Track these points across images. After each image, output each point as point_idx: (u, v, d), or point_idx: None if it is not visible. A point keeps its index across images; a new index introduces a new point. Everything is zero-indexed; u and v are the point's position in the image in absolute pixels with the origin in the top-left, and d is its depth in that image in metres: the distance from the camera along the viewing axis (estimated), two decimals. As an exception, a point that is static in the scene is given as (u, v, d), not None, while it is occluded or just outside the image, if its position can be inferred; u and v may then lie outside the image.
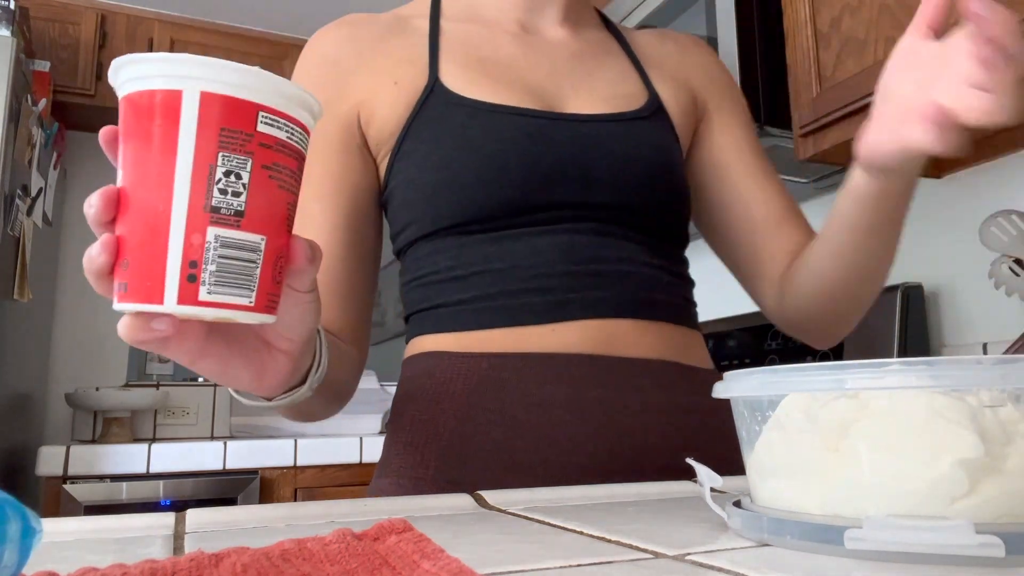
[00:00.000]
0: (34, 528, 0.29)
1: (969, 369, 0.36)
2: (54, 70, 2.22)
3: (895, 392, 0.38)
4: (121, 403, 2.20)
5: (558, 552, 0.36)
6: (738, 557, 0.35)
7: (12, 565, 0.27)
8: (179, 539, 0.41)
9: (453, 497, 0.53)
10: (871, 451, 0.37)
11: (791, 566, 0.33)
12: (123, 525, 0.44)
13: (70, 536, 0.42)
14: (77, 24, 2.32)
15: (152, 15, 2.44)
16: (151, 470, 1.89)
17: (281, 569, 0.31)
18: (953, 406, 0.37)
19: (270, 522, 0.46)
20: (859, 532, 0.34)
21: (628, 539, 0.39)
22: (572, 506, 0.51)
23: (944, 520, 0.34)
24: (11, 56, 1.66)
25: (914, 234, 1.41)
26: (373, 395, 2.73)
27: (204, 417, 2.56)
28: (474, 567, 0.30)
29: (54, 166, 2.16)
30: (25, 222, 1.84)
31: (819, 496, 0.38)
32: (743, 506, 0.43)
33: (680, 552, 0.36)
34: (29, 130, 1.82)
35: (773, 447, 0.42)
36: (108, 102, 2.33)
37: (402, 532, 0.36)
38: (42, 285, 2.18)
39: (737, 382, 0.43)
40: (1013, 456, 0.35)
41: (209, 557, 0.33)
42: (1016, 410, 0.37)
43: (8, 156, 1.65)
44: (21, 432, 2.03)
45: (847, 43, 1.10)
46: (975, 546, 0.32)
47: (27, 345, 2.05)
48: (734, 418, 0.46)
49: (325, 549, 0.34)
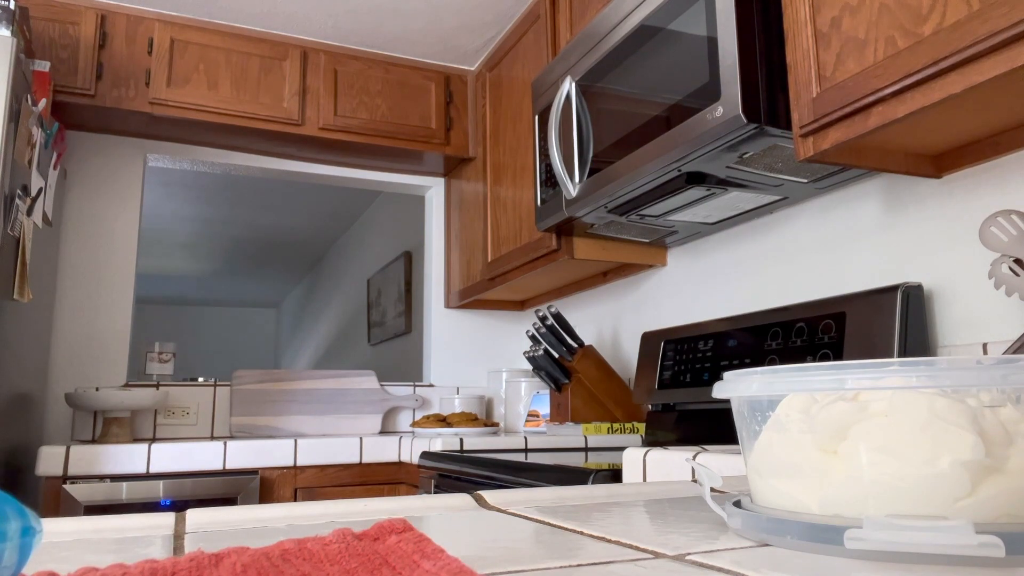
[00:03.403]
0: (34, 528, 0.29)
1: (969, 369, 0.36)
2: (54, 70, 2.22)
3: (895, 393, 0.38)
4: (121, 403, 2.20)
5: (558, 552, 0.36)
6: (738, 557, 0.35)
7: (12, 565, 0.27)
8: (179, 539, 0.41)
9: (453, 497, 0.53)
10: (871, 452, 0.37)
11: (791, 566, 0.33)
12: (123, 525, 0.44)
13: (70, 536, 0.42)
14: (77, 24, 2.32)
15: (152, 15, 2.44)
16: (151, 470, 1.89)
17: (281, 569, 0.31)
18: (953, 407, 0.36)
19: (270, 522, 0.46)
20: (859, 532, 0.34)
21: (628, 539, 0.39)
22: (572, 506, 0.50)
23: (944, 520, 0.34)
24: (11, 56, 1.66)
25: (914, 234, 1.41)
26: (373, 395, 2.73)
27: (204, 417, 2.56)
28: (474, 567, 0.30)
29: (54, 166, 2.16)
30: (25, 222, 1.84)
31: (819, 496, 0.38)
32: (743, 506, 0.43)
33: (680, 552, 0.36)
34: (29, 130, 1.82)
35: (773, 447, 0.42)
36: (108, 102, 2.33)
37: (402, 532, 0.36)
38: (42, 285, 2.19)
39: (737, 382, 0.43)
40: (1014, 456, 0.35)
41: (209, 557, 0.33)
42: (1016, 410, 0.37)
43: (8, 156, 1.66)
44: (21, 432, 2.03)
45: (847, 43, 1.11)
46: (975, 546, 0.32)
47: (27, 345, 2.05)
48: (734, 418, 0.46)
49: (325, 549, 0.34)
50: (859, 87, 1.07)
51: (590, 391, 2.13)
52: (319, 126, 2.58)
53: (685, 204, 1.68)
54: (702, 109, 1.32)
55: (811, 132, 1.17)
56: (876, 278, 1.47)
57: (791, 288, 1.68)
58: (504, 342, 3.01)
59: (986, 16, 0.89)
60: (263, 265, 7.07)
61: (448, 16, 2.57)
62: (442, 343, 2.95)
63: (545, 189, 1.94)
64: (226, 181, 4.67)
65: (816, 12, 1.17)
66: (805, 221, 1.66)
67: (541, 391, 2.41)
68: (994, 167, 1.26)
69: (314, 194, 4.92)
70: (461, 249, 2.81)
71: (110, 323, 2.47)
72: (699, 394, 1.73)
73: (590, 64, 1.71)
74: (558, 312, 2.14)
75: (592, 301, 2.51)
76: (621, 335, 2.34)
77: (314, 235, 6.05)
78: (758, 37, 1.27)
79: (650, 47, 1.50)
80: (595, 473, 1.21)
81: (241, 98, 2.48)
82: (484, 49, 2.76)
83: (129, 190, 2.60)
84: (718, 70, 1.29)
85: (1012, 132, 1.20)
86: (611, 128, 1.63)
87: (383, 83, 2.70)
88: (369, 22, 2.59)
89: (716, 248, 1.94)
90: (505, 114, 2.50)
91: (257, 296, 8.29)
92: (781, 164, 1.42)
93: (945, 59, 0.94)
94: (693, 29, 1.37)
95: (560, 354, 2.12)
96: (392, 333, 4.33)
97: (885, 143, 1.23)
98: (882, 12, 1.05)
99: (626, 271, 2.27)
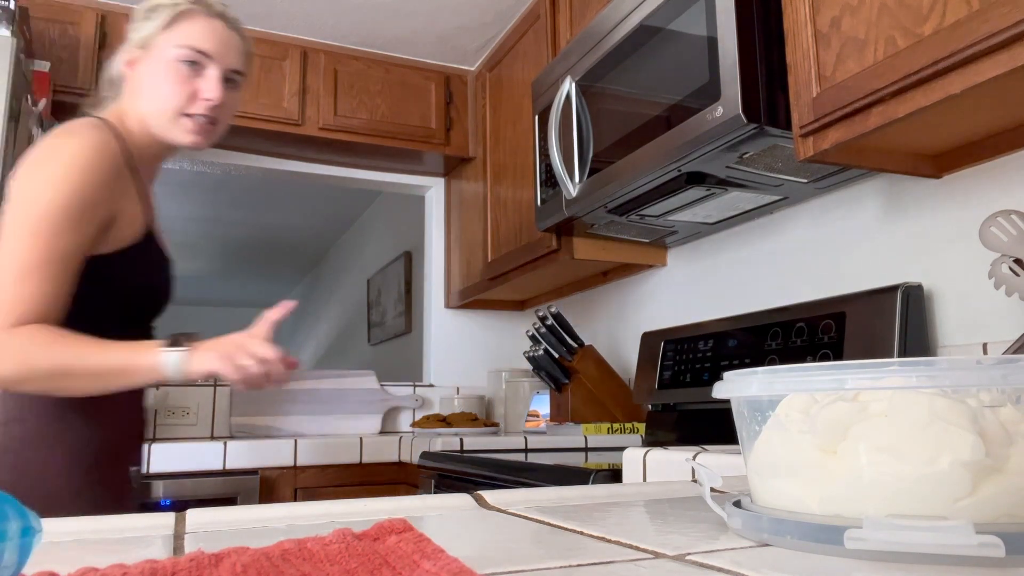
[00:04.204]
0: (34, 528, 0.29)
1: (969, 369, 0.36)
2: (54, 70, 2.22)
3: (895, 393, 0.38)
4: (121, 403, 2.20)
5: (558, 552, 0.36)
6: (738, 557, 0.35)
7: (12, 565, 0.27)
8: (179, 539, 0.41)
9: (453, 497, 0.53)
10: (871, 452, 0.37)
11: (791, 566, 0.33)
12: (123, 525, 0.44)
13: (70, 536, 0.42)
14: (77, 24, 2.32)
15: (152, 15, 2.44)
16: (151, 470, 1.89)
17: (281, 569, 0.31)
18: (953, 407, 0.36)
19: (270, 522, 0.46)
20: (859, 532, 0.34)
21: (628, 539, 0.39)
22: (572, 506, 0.50)
23: (944, 520, 0.34)
24: (11, 56, 1.66)
25: (914, 234, 1.41)
26: (373, 395, 2.73)
27: (204, 417, 2.56)
28: (474, 567, 0.30)
29: (54, 166, 2.16)
30: (25, 222, 1.84)
31: (819, 496, 0.38)
32: (743, 506, 0.43)
33: (680, 552, 0.36)
34: (29, 130, 1.82)
35: (773, 447, 0.42)
36: (108, 102, 2.33)
37: (402, 532, 0.36)
38: (42, 285, 2.18)
39: (737, 382, 0.43)
40: (1014, 456, 0.35)
41: (209, 557, 0.33)
42: (1016, 410, 0.37)
43: (8, 156, 1.65)
44: (21, 432, 2.02)
45: (847, 43, 1.10)
46: (975, 546, 0.32)
47: (27, 345, 2.05)
48: (734, 418, 0.46)
49: (325, 549, 0.34)
50: (859, 87, 1.07)
51: (590, 391, 2.13)
52: (319, 126, 2.58)
53: (685, 204, 1.68)
54: (702, 109, 1.32)
55: (811, 132, 1.17)
56: (876, 278, 1.47)
57: (791, 288, 1.68)
58: (504, 342, 3.01)
59: (986, 16, 0.89)
60: (263, 265, 7.07)
61: (448, 16, 2.56)
62: (442, 343, 2.95)
63: (545, 189, 1.94)
64: (226, 181, 4.66)
65: (816, 12, 1.17)
66: (805, 221, 1.66)
67: (541, 391, 2.41)
68: (994, 167, 1.26)
69: (314, 194, 4.92)
70: (461, 249, 2.81)
71: (110, 323, 2.47)
72: (699, 394, 1.73)
73: (590, 64, 1.71)
74: (558, 312, 2.14)
75: (592, 301, 2.51)
76: (621, 335, 2.34)
77: (314, 235, 6.04)
78: (758, 37, 1.27)
79: (650, 47, 1.50)
80: (595, 473, 1.21)
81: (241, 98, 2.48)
82: (484, 49, 2.76)
83: (129, 190, 2.60)
84: (718, 70, 1.29)
85: (1012, 132, 1.20)
86: (611, 128, 1.63)
87: (383, 83, 2.70)
88: (369, 22, 2.59)
89: (716, 248, 1.94)
90: (505, 114, 2.50)
91: (257, 296, 8.29)
92: (781, 164, 1.42)
93: (945, 59, 0.94)
94: (693, 29, 1.37)
95: (560, 354, 2.12)
96: (392, 333, 4.32)
97: (885, 143, 1.23)
98: (882, 12, 1.05)
99: (626, 271, 2.27)
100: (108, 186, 1.12)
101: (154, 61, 1.22)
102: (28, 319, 1.04)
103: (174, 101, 1.20)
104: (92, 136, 1.13)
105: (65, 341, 1.05)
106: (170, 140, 1.23)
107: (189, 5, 1.23)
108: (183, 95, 1.21)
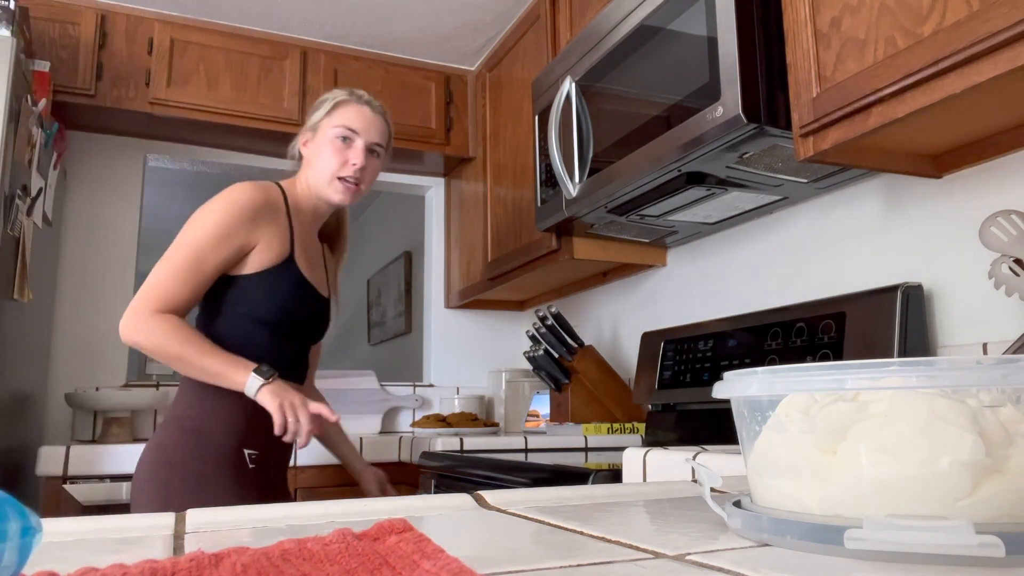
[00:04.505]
0: (34, 528, 0.29)
1: (969, 370, 0.36)
2: (54, 70, 2.22)
3: (895, 393, 0.38)
4: (121, 403, 2.20)
5: (558, 552, 0.36)
6: (738, 557, 0.35)
7: (12, 565, 0.27)
8: (179, 539, 0.41)
9: (453, 497, 0.53)
10: (871, 452, 0.37)
11: (791, 566, 0.33)
12: (123, 525, 0.44)
13: (70, 536, 0.42)
14: (77, 24, 2.32)
15: (152, 15, 2.44)
16: (151, 470, 1.89)
17: (281, 569, 0.31)
18: (953, 407, 0.36)
19: (270, 522, 0.46)
20: (859, 532, 0.34)
21: (628, 539, 0.39)
22: (572, 506, 0.50)
23: (944, 520, 0.34)
24: (11, 56, 1.66)
25: (914, 234, 1.41)
26: (373, 395, 2.73)
27: (204, 417, 2.55)
28: (474, 567, 0.30)
29: (54, 166, 2.16)
30: (25, 222, 1.84)
31: (819, 496, 0.38)
32: (743, 506, 0.43)
33: (680, 552, 0.36)
34: (29, 130, 1.82)
35: (773, 447, 0.42)
36: (108, 102, 2.33)
37: (402, 532, 0.36)
38: (42, 285, 2.18)
39: (737, 382, 0.43)
40: (1014, 456, 0.35)
41: (209, 557, 0.33)
42: (1016, 410, 0.37)
43: (8, 156, 1.65)
44: (21, 432, 2.03)
45: (847, 43, 1.10)
46: (975, 546, 0.32)
47: (27, 345, 2.05)
48: (734, 418, 0.46)
49: (325, 549, 0.34)
50: (859, 87, 1.07)
51: (590, 391, 2.13)
52: (319, 126, 2.57)
53: (685, 204, 1.68)
54: (702, 109, 1.32)
55: (811, 132, 1.17)
56: (876, 278, 1.47)
57: (791, 288, 1.68)
58: (504, 342, 3.01)
59: (986, 16, 0.89)
60: (263, 265, 7.05)
61: (448, 16, 2.56)
62: (442, 343, 2.95)
63: (545, 189, 1.94)
64: (226, 181, 4.66)
65: (816, 12, 1.17)
66: (805, 221, 1.66)
67: (541, 391, 2.41)
68: (994, 167, 1.26)
69: (314, 194, 4.91)
70: (461, 249, 2.81)
71: (110, 323, 2.47)
72: (699, 394, 1.73)
73: (590, 64, 1.71)
74: (558, 312, 2.14)
75: (592, 301, 2.51)
76: (621, 335, 2.34)
77: (314, 235, 6.03)
78: (758, 37, 1.27)
79: (650, 47, 1.50)
80: (595, 473, 1.21)
81: (241, 98, 2.48)
82: (484, 49, 2.76)
83: (129, 190, 2.60)
84: (718, 70, 1.29)
85: (1012, 132, 1.20)
86: (611, 128, 1.63)
87: (383, 83, 2.70)
88: (369, 22, 2.59)
89: (716, 248, 1.94)
90: (505, 114, 2.50)
91: (257, 296, 8.28)
92: (781, 164, 1.42)
93: (945, 59, 0.94)
94: (693, 29, 1.37)
95: (560, 354, 2.12)
96: (392, 333, 4.32)
97: (885, 143, 1.23)
98: (882, 12, 1.05)
99: (626, 271, 2.27)
100: (248, 221, 1.45)
101: (319, 140, 1.59)
102: (167, 308, 1.39)
103: (331, 167, 1.56)
104: (247, 188, 1.48)
105: (191, 339, 1.39)
106: (326, 198, 1.58)
107: (345, 96, 1.60)
108: (337, 162, 1.56)
